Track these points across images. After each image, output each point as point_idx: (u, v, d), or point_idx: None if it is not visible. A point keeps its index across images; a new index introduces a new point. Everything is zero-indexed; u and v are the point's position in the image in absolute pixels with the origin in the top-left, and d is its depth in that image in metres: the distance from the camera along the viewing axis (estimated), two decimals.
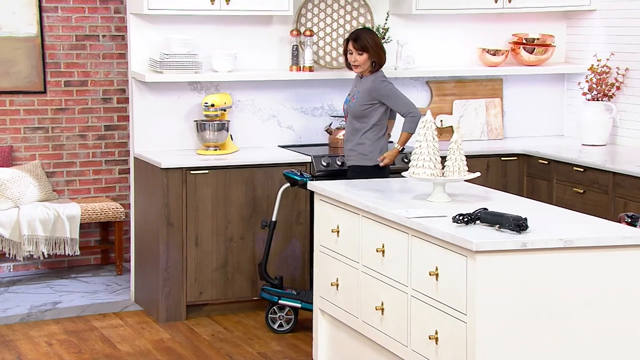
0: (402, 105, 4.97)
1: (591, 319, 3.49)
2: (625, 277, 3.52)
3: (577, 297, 3.49)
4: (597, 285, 3.50)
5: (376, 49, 5.01)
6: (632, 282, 3.53)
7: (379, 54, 5.03)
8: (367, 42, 4.99)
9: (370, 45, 5.00)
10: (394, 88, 5.02)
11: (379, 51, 5.03)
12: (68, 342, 4.99)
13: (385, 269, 3.98)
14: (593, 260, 3.49)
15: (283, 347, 4.90)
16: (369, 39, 5.02)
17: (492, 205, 3.90)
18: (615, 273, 3.51)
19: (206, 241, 5.31)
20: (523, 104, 6.22)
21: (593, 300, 3.50)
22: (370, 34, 5.10)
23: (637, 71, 5.68)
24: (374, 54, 5.00)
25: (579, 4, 5.96)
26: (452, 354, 3.54)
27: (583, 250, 3.48)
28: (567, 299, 3.48)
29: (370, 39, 5.03)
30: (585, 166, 5.26)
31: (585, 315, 3.49)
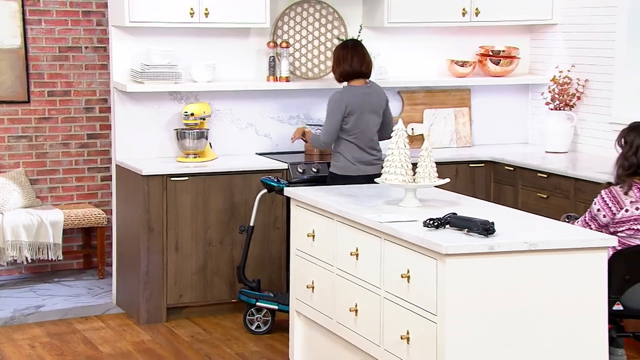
0: (323, 125, 5.05)
1: (555, 318, 3.51)
2: (586, 277, 3.54)
3: (542, 298, 3.50)
4: (560, 286, 3.51)
5: (334, 61, 5.06)
6: (592, 282, 3.54)
7: (333, 69, 5.07)
8: (332, 54, 5.12)
9: (333, 58, 5.10)
10: (331, 109, 4.97)
11: (333, 66, 5.08)
12: (51, 345, 4.93)
13: (358, 271, 3.97)
14: (556, 262, 3.50)
15: (260, 348, 4.87)
16: (333, 52, 5.11)
17: (461, 210, 3.90)
18: (577, 274, 3.53)
19: (186, 246, 5.27)
20: (490, 113, 6.24)
21: (556, 300, 3.51)
22: (337, 48, 5.10)
23: (596, 82, 5.73)
24: (332, 67, 5.09)
25: (542, 18, 6.00)
26: (423, 353, 3.53)
27: (547, 253, 3.49)
28: (533, 300, 3.48)
29: (334, 52, 5.10)
30: (548, 172, 5.28)
31: (550, 314, 3.50)
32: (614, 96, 5.59)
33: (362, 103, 5.01)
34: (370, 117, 5.04)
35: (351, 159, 5.03)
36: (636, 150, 3.80)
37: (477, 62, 6.08)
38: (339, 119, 4.97)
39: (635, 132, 3.85)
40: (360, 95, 5.02)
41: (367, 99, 5.03)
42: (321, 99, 5.78)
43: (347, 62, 5.01)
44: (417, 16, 5.77)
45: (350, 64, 5.00)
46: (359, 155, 5.04)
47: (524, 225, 3.79)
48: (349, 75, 5.03)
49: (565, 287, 3.51)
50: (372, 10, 5.84)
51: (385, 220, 3.78)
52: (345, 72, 5.02)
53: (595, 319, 3.55)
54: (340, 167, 5.05)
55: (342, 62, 5.02)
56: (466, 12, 5.85)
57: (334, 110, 4.97)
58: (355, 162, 5.02)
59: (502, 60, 6.04)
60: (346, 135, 5.02)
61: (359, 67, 5.01)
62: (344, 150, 5.04)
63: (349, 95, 4.99)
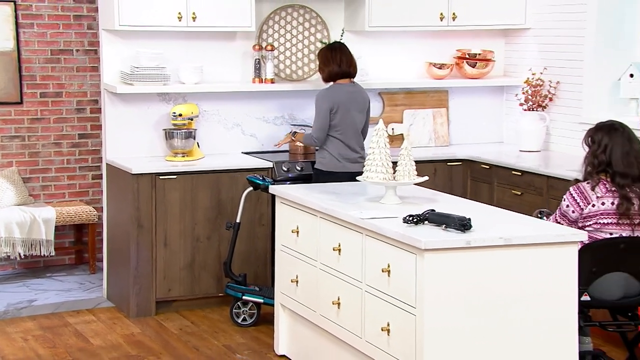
0: (313, 122, 5.06)
1: (528, 309, 3.53)
2: (558, 270, 3.57)
3: (516, 290, 3.52)
4: (533, 279, 3.54)
5: (321, 62, 5.10)
6: (563, 275, 3.57)
7: (323, 66, 5.10)
8: (318, 55, 5.16)
9: (319, 58, 5.13)
10: (319, 106, 5.02)
11: (321, 66, 5.10)
12: (43, 338, 4.91)
13: (341, 266, 3.98)
14: (530, 256, 3.53)
15: (246, 340, 4.87)
16: (320, 53, 5.15)
17: (439, 206, 3.92)
18: (549, 267, 3.56)
19: (174, 241, 5.26)
20: (466, 113, 6.27)
21: (530, 292, 3.54)
22: (324, 49, 5.14)
23: (567, 84, 5.77)
24: (320, 67, 5.12)
25: (515, 23, 6.03)
26: (403, 344, 3.55)
27: (521, 247, 3.51)
28: (507, 292, 3.51)
29: (321, 53, 5.15)
30: (522, 170, 5.31)
31: (523, 305, 3.53)
32: (584, 97, 5.62)
33: (348, 101, 5.05)
34: (356, 115, 5.08)
35: (337, 155, 5.05)
36: (604, 149, 3.83)
37: (454, 64, 6.10)
38: (327, 114, 4.99)
39: (602, 132, 3.88)
40: (346, 93, 5.05)
41: (352, 96, 5.07)
42: (305, 100, 5.78)
43: (336, 62, 5.05)
44: (396, 20, 5.78)
45: (339, 64, 5.05)
46: (345, 153, 5.06)
47: (499, 221, 3.81)
48: (337, 76, 5.07)
49: (538, 280, 3.54)
50: (353, 15, 5.85)
51: (366, 216, 3.79)
52: (334, 72, 5.06)
53: (565, 309, 3.58)
54: (326, 164, 5.07)
55: (331, 62, 5.06)
56: (444, 16, 5.87)
57: (322, 107, 5.01)
58: (340, 159, 5.05)
59: (478, 63, 6.06)
60: (332, 132, 5.05)
61: (347, 68, 5.07)
62: (329, 147, 5.06)
63: (335, 93, 5.03)
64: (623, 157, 3.80)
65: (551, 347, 3.56)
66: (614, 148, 3.81)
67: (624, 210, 3.78)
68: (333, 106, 5.01)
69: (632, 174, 3.81)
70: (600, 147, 3.82)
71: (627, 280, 3.85)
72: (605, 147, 3.81)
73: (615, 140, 3.82)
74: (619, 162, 3.80)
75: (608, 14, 5.49)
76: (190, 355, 4.65)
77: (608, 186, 3.81)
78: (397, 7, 5.76)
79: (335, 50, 5.11)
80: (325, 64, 5.08)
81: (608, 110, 5.51)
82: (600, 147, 3.83)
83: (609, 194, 3.80)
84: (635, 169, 3.82)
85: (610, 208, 3.81)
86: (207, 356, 4.64)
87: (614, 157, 3.80)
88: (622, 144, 3.81)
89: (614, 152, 3.80)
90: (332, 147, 5.06)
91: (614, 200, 3.80)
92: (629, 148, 3.82)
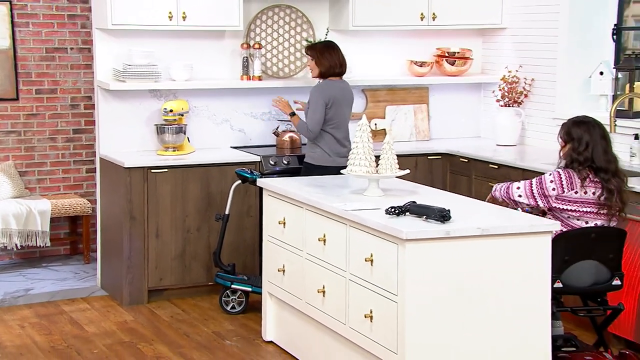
0: (308, 116, 5.03)
1: (504, 295, 3.55)
2: (532, 259, 3.59)
3: (493, 278, 3.54)
4: (509, 267, 3.55)
5: (319, 58, 5.04)
6: (537, 263, 3.60)
7: (321, 62, 5.05)
8: (313, 51, 5.08)
9: (316, 55, 5.06)
10: (316, 100, 4.99)
11: (321, 60, 5.05)
12: (39, 325, 4.89)
13: (326, 256, 3.98)
14: (506, 245, 3.55)
15: (235, 327, 4.87)
16: (317, 49, 5.09)
17: (420, 198, 3.92)
18: (524, 256, 3.58)
19: (165, 233, 5.25)
20: (446, 109, 6.28)
21: (506, 279, 3.55)
22: (321, 46, 5.10)
23: (541, 81, 5.78)
24: (317, 63, 5.04)
25: (492, 23, 6.04)
26: (385, 330, 3.56)
27: (497, 237, 3.53)
28: (484, 279, 3.52)
29: (318, 49, 5.08)
30: (499, 163, 5.33)
31: (499, 292, 3.54)
32: (557, 94, 5.65)
33: (340, 96, 5.06)
34: (346, 110, 5.10)
35: (328, 150, 5.04)
36: (586, 145, 3.85)
37: (434, 62, 6.11)
38: (324, 109, 4.99)
39: (581, 129, 3.89)
40: (338, 88, 5.06)
41: (343, 92, 5.08)
42: (292, 96, 5.77)
43: (333, 61, 5.04)
44: (379, 20, 5.78)
45: (336, 63, 5.04)
46: (335, 147, 5.05)
47: (477, 212, 3.82)
48: (331, 73, 5.05)
49: (514, 268, 3.56)
50: (338, 15, 5.84)
51: (350, 208, 3.80)
52: (331, 70, 5.03)
53: (539, 295, 3.60)
54: (317, 158, 5.06)
55: (329, 60, 5.03)
56: (424, 16, 5.87)
57: (318, 101, 4.99)
58: (331, 153, 5.04)
59: (457, 61, 6.07)
60: (325, 127, 5.04)
61: (341, 68, 5.08)
62: (321, 141, 5.05)
63: (329, 88, 5.03)
64: (603, 153, 3.84)
65: (526, 331, 3.58)
66: (595, 146, 3.84)
67: (606, 202, 3.81)
68: (329, 101, 5.00)
69: (611, 169, 3.86)
70: (581, 144, 3.85)
71: (597, 267, 3.88)
72: (587, 145, 3.84)
73: (595, 138, 3.86)
74: (601, 159, 3.84)
75: (579, 15, 5.52)
76: (181, 342, 4.65)
77: (592, 177, 3.85)
78: (379, 7, 5.75)
79: (333, 49, 5.07)
80: (320, 61, 5.04)
81: (580, 106, 5.54)
82: (581, 144, 3.85)
83: (592, 184, 3.84)
84: (613, 164, 3.87)
85: (592, 198, 3.84)
86: (197, 342, 4.64)
87: (596, 154, 3.85)
88: (600, 142, 3.85)
89: (595, 149, 3.84)
90: (324, 142, 5.04)
91: (596, 191, 3.84)
92: (606, 145, 3.87)
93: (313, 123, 5.01)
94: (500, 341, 3.55)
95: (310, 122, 5.04)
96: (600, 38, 5.54)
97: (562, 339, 3.92)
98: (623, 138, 5.05)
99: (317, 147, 5.06)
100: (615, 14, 5.51)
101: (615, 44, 5.51)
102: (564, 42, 5.58)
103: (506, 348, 3.56)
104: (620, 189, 3.85)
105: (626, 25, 5.54)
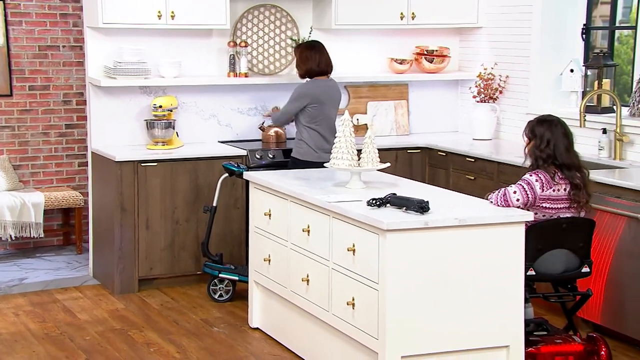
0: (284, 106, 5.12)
1: (480, 282, 3.56)
2: (507, 248, 3.60)
3: (470, 266, 3.54)
4: (485, 255, 3.56)
5: (299, 59, 5.03)
6: (512, 251, 3.60)
7: (299, 65, 5.04)
8: (295, 52, 5.10)
9: (297, 56, 5.06)
10: (295, 97, 5.00)
11: (299, 63, 5.04)
12: (33, 313, 4.85)
13: (310, 246, 3.97)
14: (482, 235, 3.55)
15: (223, 314, 4.85)
16: (298, 50, 5.08)
17: (400, 190, 3.92)
18: (500, 245, 3.58)
19: (155, 224, 5.21)
20: (425, 105, 6.28)
21: (482, 267, 3.56)
22: (303, 47, 5.08)
23: (515, 78, 5.79)
24: (298, 63, 5.04)
25: (469, 22, 6.04)
26: (367, 316, 3.55)
27: (474, 227, 3.53)
28: (461, 268, 3.53)
29: (297, 52, 5.08)
30: (475, 157, 5.34)
31: (476, 280, 3.55)
32: (530, 90, 5.66)
33: (325, 95, 5.04)
34: (331, 109, 5.08)
35: (314, 146, 5.02)
36: (547, 143, 3.86)
37: (413, 60, 6.10)
38: (298, 107, 4.98)
39: (544, 127, 3.90)
40: (324, 87, 5.04)
41: (329, 91, 5.06)
42: (277, 93, 5.76)
43: (315, 62, 5.01)
44: (361, 19, 5.76)
45: (317, 64, 5.02)
46: (320, 144, 5.03)
47: (455, 203, 3.82)
48: (315, 74, 5.03)
49: (489, 256, 3.56)
50: (321, 14, 5.82)
51: (333, 200, 3.79)
52: (313, 71, 5.02)
53: (513, 282, 3.61)
54: (303, 153, 5.04)
55: (309, 62, 5.01)
56: (404, 16, 5.86)
57: (298, 99, 4.98)
58: (317, 149, 5.02)
59: (435, 58, 6.07)
60: (311, 124, 5.01)
61: (325, 67, 5.05)
62: (307, 138, 5.03)
63: (315, 89, 5.01)
64: (565, 151, 3.85)
65: (500, 316, 3.60)
66: (557, 143, 3.85)
67: (574, 197, 3.82)
68: (312, 101, 4.98)
69: (575, 164, 3.87)
70: (543, 142, 3.86)
71: (567, 256, 3.90)
72: (549, 142, 3.85)
73: (556, 135, 3.86)
74: (563, 155, 3.85)
75: (551, 15, 5.53)
76: (170, 329, 4.62)
77: (560, 174, 3.86)
78: (361, 6, 5.74)
79: (314, 50, 5.03)
80: (303, 62, 5.02)
81: (551, 102, 5.56)
82: (543, 141, 3.86)
83: (562, 181, 3.85)
84: (575, 159, 3.88)
85: (564, 194, 3.86)
86: (186, 329, 4.62)
87: (558, 151, 3.85)
88: (562, 139, 3.86)
89: (557, 146, 3.85)
90: (309, 138, 5.02)
91: (566, 187, 3.85)
92: (567, 142, 3.88)
93: (283, 113, 5.11)
94: (476, 326, 3.56)
95: (281, 111, 5.13)
96: (571, 37, 5.56)
97: (534, 323, 3.94)
98: (592, 132, 5.07)
99: (304, 143, 5.04)
100: (585, 14, 5.53)
101: (584, 43, 5.54)
102: (536, 41, 5.59)
103: (482, 332, 3.57)
104: (585, 183, 3.87)
105: (594, 25, 5.56)
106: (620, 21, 5.42)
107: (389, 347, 3.44)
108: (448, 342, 3.52)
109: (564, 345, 3.85)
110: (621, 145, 4.92)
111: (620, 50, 5.41)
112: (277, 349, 4.30)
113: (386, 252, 3.42)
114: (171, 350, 4.32)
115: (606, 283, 4.31)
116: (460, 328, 3.53)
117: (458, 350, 3.54)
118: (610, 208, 4.28)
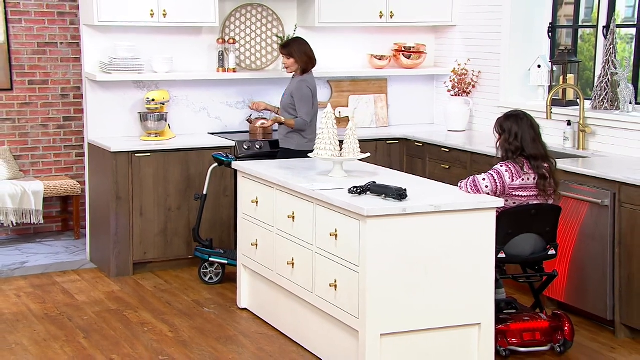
0: (301, 109, 4.90)
1: (454, 265, 3.56)
2: (479, 232, 3.60)
3: (444, 249, 3.54)
4: (459, 239, 3.56)
5: (301, 55, 4.95)
6: (484, 235, 3.61)
7: (304, 61, 4.95)
8: (293, 49, 4.94)
9: (296, 52, 4.94)
10: (307, 94, 4.91)
11: (303, 58, 4.95)
12: (34, 295, 4.81)
13: (295, 231, 3.96)
14: (456, 220, 3.55)
15: (213, 296, 4.83)
16: (295, 46, 4.96)
17: (380, 179, 3.91)
18: (472, 229, 3.58)
19: (149, 211, 5.17)
20: (403, 98, 6.26)
21: (456, 251, 3.56)
22: (300, 43, 5.01)
23: (488, 73, 5.79)
24: (299, 60, 4.94)
25: (444, 20, 6.03)
26: (348, 297, 3.55)
27: (449, 213, 3.53)
28: (437, 251, 3.53)
29: (297, 46, 4.97)
30: (450, 147, 5.33)
31: (450, 262, 3.55)
32: (501, 85, 5.66)
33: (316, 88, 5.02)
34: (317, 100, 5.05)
35: (305, 135, 4.98)
36: (515, 136, 3.87)
37: (392, 56, 6.08)
38: (312, 100, 4.93)
39: (511, 121, 3.91)
40: (315, 81, 5.04)
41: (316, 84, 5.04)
42: (263, 87, 5.72)
43: (315, 59, 4.99)
44: (342, 17, 5.73)
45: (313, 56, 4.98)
46: (311, 136, 4.98)
47: (431, 191, 3.82)
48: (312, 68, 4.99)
49: (463, 240, 3.56)
50: (305, 13, 5.78)
51: (316, 188, 3.77)
52: (313, 66, 4.98)
53: (485, 264, 3.62)
54: (295, 144, 4.98)
55: (314, 57, 4.97)
56: (383, 14, 5.83)
57: (309, 95, 4.92)
58: (308, 140, 4.97)
59: (412, 55, 6.05)
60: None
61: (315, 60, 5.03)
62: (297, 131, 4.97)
63: (313, 82, 4.99)
64: (532, 142, 3.85)
65: (473, 297, 3.60)
66: (524, 136, 3.85)
67: (542, 186, 3.83)
68: (314, 93, 4.96)
69: (541, 154, 3.87)
70: (511, 135, 3.86)
71: (535, 239, 3.92)
72: (516, 135, 3.86)
73: (523, 128, 3.87)
74: (530, 147, 3.85)
75: (520, 15, 5.53)
76: (163, 309, 4.60)
77: (528, 165, 3.86)
78: (342, 5, 5.71)
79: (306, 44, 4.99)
80: (310, 57, 4.95)
81: (520, 95, 5.57)
82: (511, 135, 3.87)
83: (531, 171, 3.85)
84: (542, 149, 3.88)
85: (532, 183, 3.86)
86: (178, 310, 4.59)
87: (525, 142, 3.85)
88: (528, 131, 3.86)
89: (524, 138, 3.85)
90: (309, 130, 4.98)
91: (535, 176, 3.85)
92: (534, 134, 3.88)
93: (310, 115, 4.91)
94: (450, 305, 3.56)
95: (305, 114, 4.89)
96: (538, 35, 5.56)
97: (504, 302, 3.97)
98: (557, 124, 5.09)
99: (295, 133, 4.98)
100: (551, 14, 5.53)
101: (550, 41, 5.55)
102: (506, 39, 5.58)
103: (455, 311, 3.57)
104: (551, 173, 3.87)
105: (560, 24, 5.57)
106: (583, 20, 5.44)
107: (369, 325, 3.43)
108: (424, 321, 3.52)
109: (531, 322, 3.87)
110: (584, 136, 4.94)
111: (583, 48, 5.43)
112: (264, 328, 4.29)
113: (366, 237, 3.41)
114: (164, 329, 4.29)
115: (570, 264, 4.34)
116: (435, 307, 3.53)
117: (433, 328, 3.54)
118: (574, 194, 4.29)
